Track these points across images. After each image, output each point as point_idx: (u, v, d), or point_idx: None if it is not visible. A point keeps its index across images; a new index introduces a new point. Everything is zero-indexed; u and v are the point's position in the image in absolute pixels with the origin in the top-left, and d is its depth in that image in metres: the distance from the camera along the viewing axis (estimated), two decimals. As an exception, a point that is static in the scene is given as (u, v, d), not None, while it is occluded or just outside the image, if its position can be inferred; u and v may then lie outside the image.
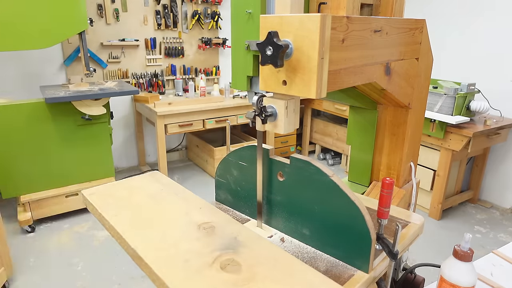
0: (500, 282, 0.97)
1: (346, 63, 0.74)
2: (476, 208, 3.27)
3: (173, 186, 1.12)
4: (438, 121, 2.75)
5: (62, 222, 2.93)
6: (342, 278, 0.76)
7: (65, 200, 2.92)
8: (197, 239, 0.83)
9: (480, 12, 3.14)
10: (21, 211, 2.76)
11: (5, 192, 2.71)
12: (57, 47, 3.33)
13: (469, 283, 0.75)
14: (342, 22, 0.69)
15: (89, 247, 2.61)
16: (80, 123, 2.86)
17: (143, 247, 0.80)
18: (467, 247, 0.76)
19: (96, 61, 3.54)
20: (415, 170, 1.20)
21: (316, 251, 0.86)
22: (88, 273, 2.34)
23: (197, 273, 0.71)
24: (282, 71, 0.68)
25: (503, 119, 2.99)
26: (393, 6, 0.92)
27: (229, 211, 1.06)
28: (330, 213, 0.80)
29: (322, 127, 4.28)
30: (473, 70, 3.27)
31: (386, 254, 0.79)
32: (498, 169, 3.24)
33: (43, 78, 3.35)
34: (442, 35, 3.44)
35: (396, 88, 0.98)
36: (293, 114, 0.76)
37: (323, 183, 0.79)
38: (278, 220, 0.93)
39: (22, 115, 2.63)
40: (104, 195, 1.06)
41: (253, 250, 0.79)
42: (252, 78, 0.82)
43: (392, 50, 0.90)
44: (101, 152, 3.03)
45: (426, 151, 3.01)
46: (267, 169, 0.90)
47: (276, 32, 0.64)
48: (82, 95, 2.70)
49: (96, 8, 3.44)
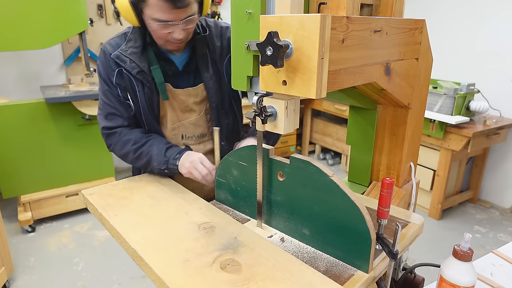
0: (499, 282, 0.97)
1: (346, 63, 0.74)
2: (476, 208, 3.27)
3: (173, 186, 1.13)
4: (438, 121, 2.75)
5: (62, 222, 2.93)
6: (342, 278, 0.76)
7: (65, 200, 2.92)
8: (197, 239, 0.83)
9: (480, 12, 3.14)
10: (21, 211, 2.77)
11: (6, 192, 2.72)
12: (57, 47, 3.33)
13: (469, 283, 0.75)
14: (342, 22, 0.69)
15: (89, 247, 2.61)
16: (80, 123, 2.86)
17: (143, 247, 0.80)
18: (467, 247, 0.76)
19: (96, 61, 3.54)
20: (415, 170, 1.20)
21: (316, 251, 0.86)
22: (88, 273, 2.34)
23: (197, 273, 0.71)
24: (282, 71, 0.68)
25: (502, 119, 2.99)
26: (393, 6, 0.92)
27: (229, 211, 1.07)
28: (330, 213, 0.80)
29: (322, 127, 4.29)
30: (473, 70, 3.27)
31: (386, 254, 0.79)
32: (497, 169, 3.24)
33: (43, 78, 3.35)
34: (442, 35, 3.44)
35: (396, 88, 0.98)
36: (293, 114, 0.76)
37: (323, 183, 0.79)
38: (278, 220, 0.94)
39: (22, 115, 2.63)
40: (104, 195, 1.06)
41: (253, 250, 0.79)
42: (252, 78, 0.82)
43: (392, 50, 0.91)
44: (101, 152, 3.03)
45: (426, 151, 3.01)
46: (267, 169, 0.91)
47: (276, 32, 0.64)
48: (82, 95, 2.71)
49: (96, 8, 3.44)
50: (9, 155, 2.64)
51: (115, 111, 1.18)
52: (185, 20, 1.02)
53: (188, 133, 1.24)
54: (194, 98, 1.21)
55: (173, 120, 1.23)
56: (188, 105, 1.21)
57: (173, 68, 1.18)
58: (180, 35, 1.05)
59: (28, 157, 2.71)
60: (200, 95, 1.21)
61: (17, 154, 2.67)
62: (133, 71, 1.12)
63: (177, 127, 1.23)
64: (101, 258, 2.50)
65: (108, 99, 1.18)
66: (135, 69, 1.12)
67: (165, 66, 1.17)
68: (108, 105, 1.18)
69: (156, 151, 1.15)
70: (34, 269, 2.36)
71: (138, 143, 1.17)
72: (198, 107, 1.23)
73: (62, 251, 2.56)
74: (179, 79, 1.19)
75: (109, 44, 1.18)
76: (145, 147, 1.17)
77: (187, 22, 1.03)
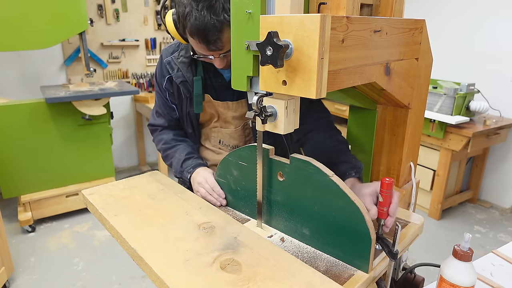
0: (499, 282, 0.97)
1: (346, 63, 0.74)
2: (476, 208, 3.27)
3: (173, 186, 1.13)
4: (438, 121, 2.75)
5: (62, 222, 2.93)
6: (342, 278, 0.76)
7: (65, 200, 2.92)
8: (197, 239, 0.83)
9: (480, 12, 3.14)
10: (21, 211, 2.77)
11: (6, 192, 2.72)
12: (57, 47, 3.33)
13: (469, 283, 0.75)
14: (342, 22, 0.69)
15: (89, 247, 2.62)
16: (80, 123, 2.86)
17: (143, 247, 0.80)
18: (467, 247, 0.76)
19: (96, 61, 3.55)
20: (414, 170, 1.20)
21: (316, 251, 0.86)
22: (88, 273, 2.34)
23: (197, 273, 0.71)
24: (282, 71, 0.68)
25: (502, 119, 2.99)
26: (393, 6, 0.92)
27: (229, 211, 1.07)
28: (330, 213, 0.80)
29: (322, 127, 4.28)
30: (472, 70, 3.27)
31: (386, 254, 0.79)
32: (497, 169, 3.24)
33: (43, 78, 3.35)
34: (442, 35, 3.44)
35: (396, 88, 0.98)
36: (293, 114, 0.76)
37: (323, 183, 0.79)
38: (278, 220, 0.94)
39: (22, 115, 2.63)
40: (104, 195, 1.06)
41: (253, 250, 0.79)
42: (252, 78, 0.82)
43: (392, 50, 0.91)
44: (101, 152, 3.03)
45: (426, 151, 3.01)
46: (267, 169, 0.91)
47: (276, 32, 0.64)
48: (82, 95, 2.71)
49: (97, 8, 3.44)
50: (9, 155, 2.64)
51: (161, 111, 1.29)
52: (224, 54, 1.00)
53: (224, 141, 1.27)
54: (233, 112, 1.20)
55: (215, 124, 1.26)
56: (226, 117, 1.22)
57: (220, 80, 1.19)
58: (220, 65, 1.04)
59: (28, 157, 2.71)
60: (240, 111, 1.20)
61: (17, 154, 2.67)
62: (177, 80, 1.17)
63: (217, 131, 1.27)
64: (101, 258, 2.50)
65: (158, 99, 1.29)
66: (179, 78, 1.17)
67: (213, 77, 1.19)
68: (157, 105, 1.30)
69: (176, 159, 1.22)
70: (34, 269, 2.36)
71: (167, 144, 1.27)
72: (235, 121, 1.22)
73: (62, 251, 2.56)
74: (223, 92, 1.19)
75: (166, 49, 1.23)
76: (171, 151, 1.26)
77: (227, 55, 1.01)
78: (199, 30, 0.92)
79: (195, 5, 0.91)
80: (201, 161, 1.22)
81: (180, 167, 1.20)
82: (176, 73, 1.17)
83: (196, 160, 1.21)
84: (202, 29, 0.92)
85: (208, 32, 0.92)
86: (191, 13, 0.91)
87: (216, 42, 0.95)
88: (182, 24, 0.96)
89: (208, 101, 1.20)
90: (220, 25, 0.91)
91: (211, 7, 0.90)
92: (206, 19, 0.90)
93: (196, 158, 1.22)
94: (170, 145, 1.27)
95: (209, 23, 0.91)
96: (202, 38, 0.94)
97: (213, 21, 0.90)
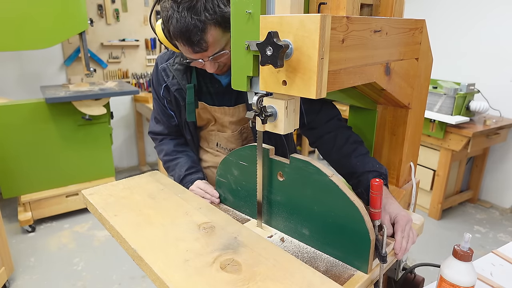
0: (499, 282, 0.97)
1: (346, 63, 0.74)
2: (476, 208, 3.27)
3: (173, 186, 1.13)
4: (438, 121, 2.75)
5: (62, 222, 2.93)
6: (341, 278, 0.76)
7: (65, 200, 2.92)
8: (197, 239, 0.83)
9: (480, 12, 3.14)
10: (21, 211, 2.77)
11: (6, 192, 2.72)
12: (57, 47, 3.33)
13: (469, 283, 0.75)
14: (342, 22, 0.69)
15: (89, 247, 2.62)
16: (80, 123, 2.86)
17: (143, 247, 0.80)
18: (467, 247, 0.76)
19: (96, 61, 3.55)
20: (415, 170, 1.20)
21: (316, 251, 0.86)
22: (88, 273, 2.34)
23: (197, 273, 0.71)
24: (282, 71, 0.68)
25: (502, 119, 2.99)
26: (393, 6, 0.92)
27: (229, 211, 1.07)
28: (329, 213, 0.81)
29: (322, 127, 4.28)
30: (473, 70, 3.27)
31: (377, 256, 0.78)
32: (497, 169, 3.24)
33: (43, 78, 3.35)
34: (442, 35, 3.44)
35: (396, 88, 0.98)
36: (293, 114, 0.76)
37: (322, 183, 0.79)
38: (278, 220, 0.94)
39: (22, 115, 2.63)
40: (104, 195, 1.06)
41: (253, 250, 0.79)
42: (252, 78, 0.82)
43: (392, 50, 0.91)
44: (101, 152, 3.03)
45: (426, 151, 3.01)
46: (267, 169, 0.91)
47: (276, 32, 0.64)
48: (82, 95, 2.71)
49: (96, 8, 3.44)
50: (9, 155, 2.64)
51: (159, 118, 1.31)
52: (213, 57, 0.99)
53: (222, 144, 1.28)
54: (230, 117, 1.19)
55: (212, 128, 1.26)
56: (223, 122, 1.21)
57: (217, 85, 1.18)
58: (211, 69, 1.03)
59: (28, 157, 2.72)
60: (237, 116, 1.19)
61: (17, 154, 2.67)
62: (172, 87, 1.17)
63: (214, 135, 1.27)
64: (101, 258, 2.50)
65: (156, 106, 1.29)
66: (175, 86, 1.17)
67: (209, 84, 1.18)
68: (155, 111, 1.31)
69: (177, 174, 1.24)
70: (34, 269, 2.36)
71: (168, 156, 1.29)
72: (232, 126, 1.22)
73: (62, 251, 2.56)
74: (220, 97, 1.19)
75: (161, 56, 1.22)
76: (172, 164, 1.28)
77: (216, 57, 0.99)
78: (181, 31, 0.91)
79: (176, 7, 0.90)
80: (200, 174, 1.23)
81: (180, 181, 1.22)
82: (172, 81, 1.16)
83: (195, 175, 1.22)
84: (184, 30, 0.91)
85: (191, 33, 0.91)
86: (172, 15, 0.90)
87: (200, 43, 0.93)
88: (167, 29, 0.95)
89: (203, 108, 1.19)
90: (202, 25, 0.90)
91: (192, 8, 0.89)
92: (187, 19, 0.89)
93: (195, 172, 1.23)
94: (171, 157, 1.28)
95: (190, 24, 0.89)
96: (185, 40, 0.93)
97: (194, 21, 0.89)
